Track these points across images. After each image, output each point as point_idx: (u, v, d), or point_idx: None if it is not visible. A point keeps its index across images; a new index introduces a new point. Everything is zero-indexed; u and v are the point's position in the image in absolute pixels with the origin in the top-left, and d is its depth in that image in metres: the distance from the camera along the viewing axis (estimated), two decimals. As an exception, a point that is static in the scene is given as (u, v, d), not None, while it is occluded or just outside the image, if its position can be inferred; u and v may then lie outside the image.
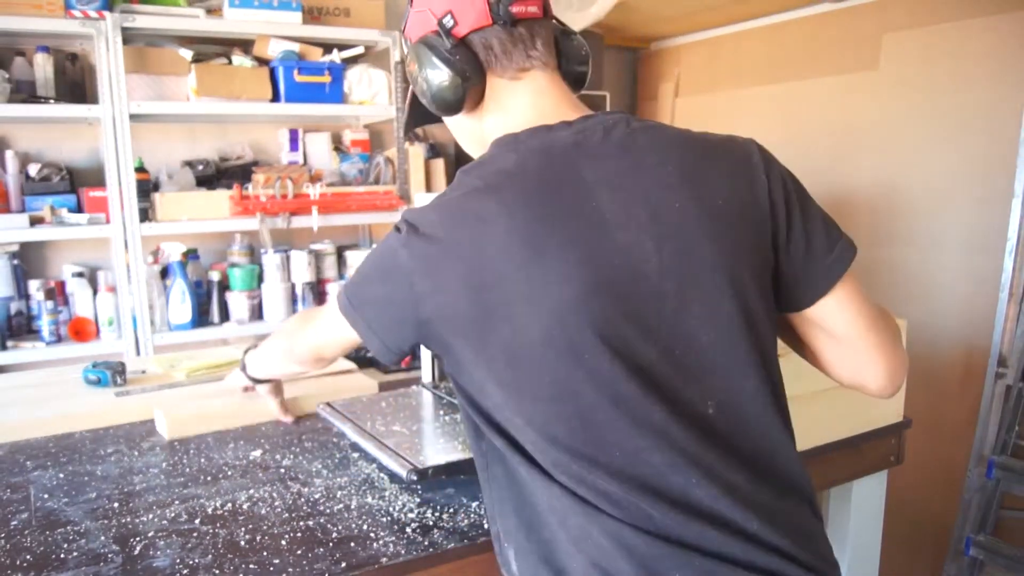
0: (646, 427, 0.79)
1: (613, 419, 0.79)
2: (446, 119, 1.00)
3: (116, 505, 1.14)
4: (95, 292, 2.70)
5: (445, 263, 0.82)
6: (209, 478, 1.24)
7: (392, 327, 0.89)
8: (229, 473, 1.26)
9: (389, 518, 1.09)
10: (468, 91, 0.91)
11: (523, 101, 0.91)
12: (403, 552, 0.99)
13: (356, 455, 1.33)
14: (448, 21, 0.89)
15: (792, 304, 0.91)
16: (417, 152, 3.17)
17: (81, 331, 2.65)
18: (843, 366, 0.96)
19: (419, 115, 1.03)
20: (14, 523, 1.09)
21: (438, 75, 0.89)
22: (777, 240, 0.87)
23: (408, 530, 1.05)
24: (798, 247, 0.88)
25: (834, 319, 0.91)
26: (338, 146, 3.25)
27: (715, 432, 0.82)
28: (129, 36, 2.60)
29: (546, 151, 0.85)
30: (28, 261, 2.72)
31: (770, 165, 0.90)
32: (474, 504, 1.12)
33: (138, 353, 2.66)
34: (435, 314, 0.83)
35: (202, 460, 1.32)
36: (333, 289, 3.03)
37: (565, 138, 0.87)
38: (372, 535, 1.03)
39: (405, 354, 0.93)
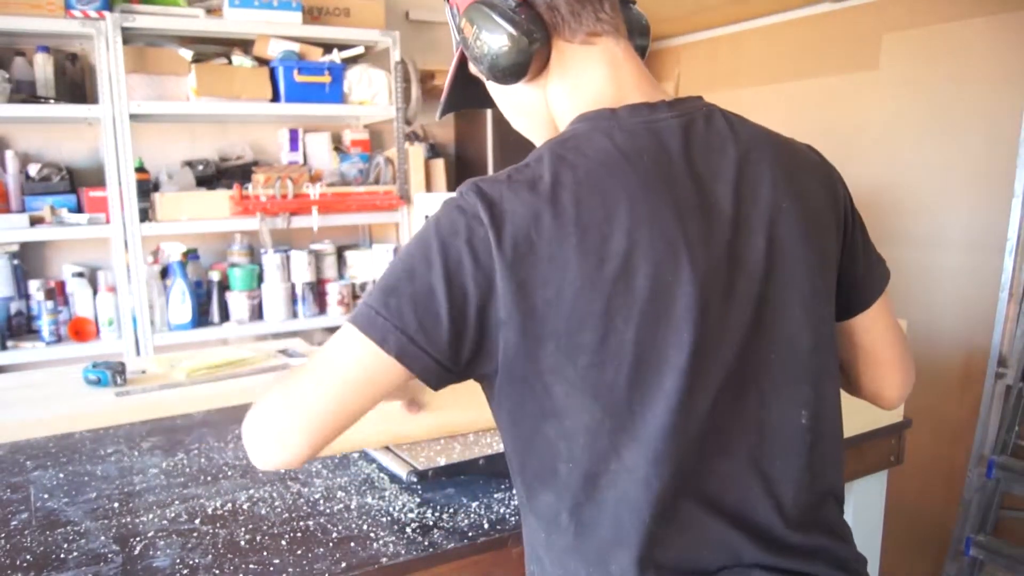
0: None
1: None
2: (497, 91, 0.90)
3: (116, 505, 1.14)
4: (95, 292, 2.70)
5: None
6: (209, 478, 1.24)
7: None
8: (229, 473, 1.26)
9: (389, 518, 1.09)
10: (535, 55, 0.80)
11: (599, 72, 0.81)
12: (403, 552, 0.99)
13: (356, 455, 1.33)
14: None
15: (837, 315, 0.90)
16: (417, 152, 3.17)
17: (81, 331, 2.65)
18: (865, 378, 0.97)
19: (459, 96, 0.95)
20: (14, 523, 1.09)
21: (500, 37, 0.79)
22: (844, 251, 0.88)
23: (408, 530, 1.05)
24: (857, 261, 0.89)
25: (867, 332, 0.92)
26: (338, 146, 3.26)
27: (803, 442, 0.79)
28: (129, 36, 2.61)
29: (655, 135, 0.77)
30: (28, 261, 2.72)
31: (840, 176, 0.90)
32: (474, 504, 1.12)
33: (138, 353, 2.66)
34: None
35: (202, 460, 1.32)
36: (333, 289, 3.03)
37: (671, 123, 0.78)
38: (372, 535, 1.03)
39: None
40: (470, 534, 1.04)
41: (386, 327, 0.72)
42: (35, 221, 2.54)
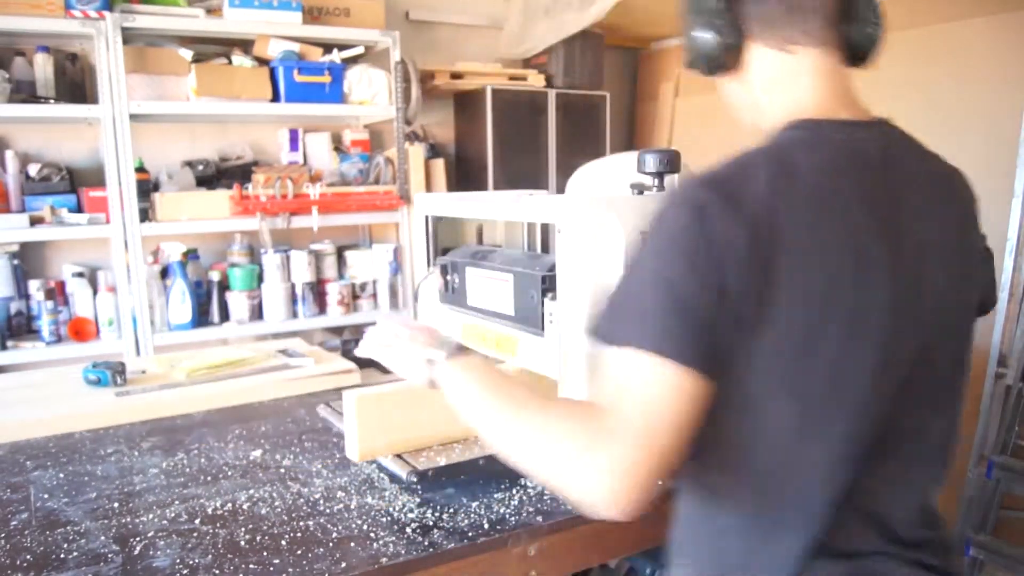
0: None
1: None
2: (719, 83, 0.95)
3: (116, 505, 1.14)
4: (95, 292, 2.70)
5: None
6: (209, 478, 1.24)
7: None
8: (229, 473, 1.26)
9: (389, 518, 1.09)
10: (726, 53, 0.86)
11: (802, 82, 0.85)
12: (403, 552, 0.99)
13: (356, 455, 1.33)
14: None
15: None
16: (417, 152, 3.17)
17: (81, 331, 2.65)
18: None
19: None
20: (14, 523, 1.09)
21: (697, 31, 0.87)
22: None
23: (408, 530, 1.05)
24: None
25: None
26: (338, 146, 3.25)
27: (944, 450, 0.89)
28: (129, 36, 2.60)
29: (861, 154, 0.81)
30: (28, 261, 2.72)
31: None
32: (474, 504, 1.12)
33: (138, 353, 2.66)
34: None
35: (202, 460, 1.32)
36: (333, 289, 3.03)
37: (873, 144, 0.83)
38: (372, 535, 1.03)
39: None
40: (470, 534, 1.03)
41: (676, 340, 0.73)
42: (35, 221, 2.54)
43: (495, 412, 0.84)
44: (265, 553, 0.99)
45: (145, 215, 2.65)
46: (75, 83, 2.69)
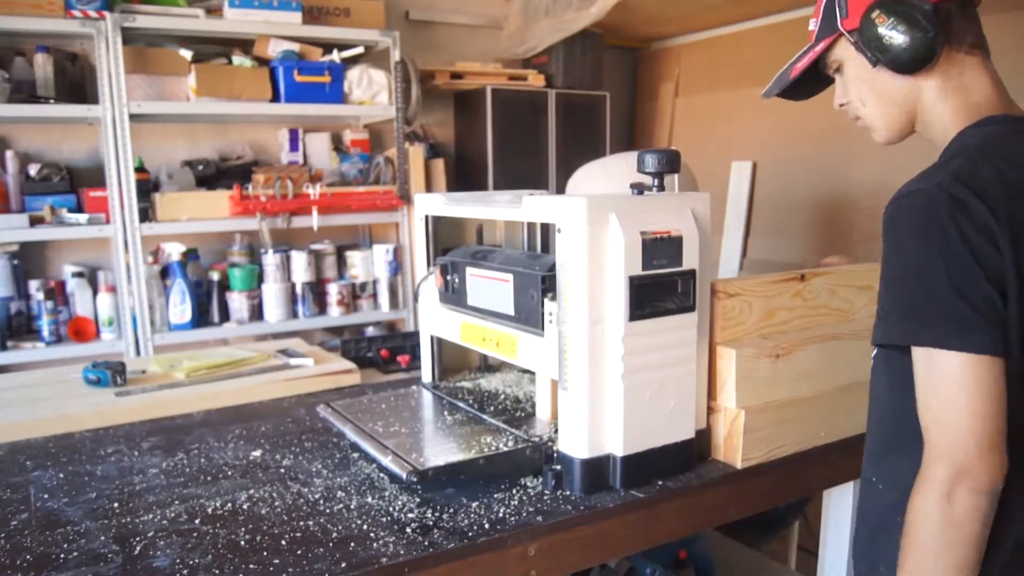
0: None
1: None
2: (868, 78, 1.02)
3: (116, 505, 1.14)
4: (95, 292, 2.70)
5: None
6: (209, 478, 1.24)
7: None
8: (229, 473, 1.26)
9: (389, 518, 1.09)
10: (935, 52, 0.94)
11: (984, 81, 0.97)
12: (403, 552, 0.99)
13: (356, 455, 1.33)
14: None
15: None
16: (417, 152, 3.17)
17: (81, 331, 2.65)
18: None
19: (800, 83, 1.09)
20: (14, 523, 1.09)
21: (914, 32, 0.93)
22: None
23: (408, 530, 1.05)
24: None
25: None
26: (338, 146, 3.25)
27: None
28: (129, 36, 2.60)
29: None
30: (28, 261, 2.72)
31: None
32: (474, 504, 1.12)
33: (138, 353, 2.66)
34: None
35: (202, 460, 1.32)
36: (333, 289, 3.03)
37: None
38: (372, 535, 1.03)
39: None
40: (470, 534, 1.03)
41: (982, 334, 0.83)
42: (35, 221, 2.54)
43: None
44: (265, 553, 0.99)
45: (145, 215, 2.65)
46: (75, 83, 2.69)
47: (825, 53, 1.06)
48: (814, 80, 1.12)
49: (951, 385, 0.84)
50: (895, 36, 0.94)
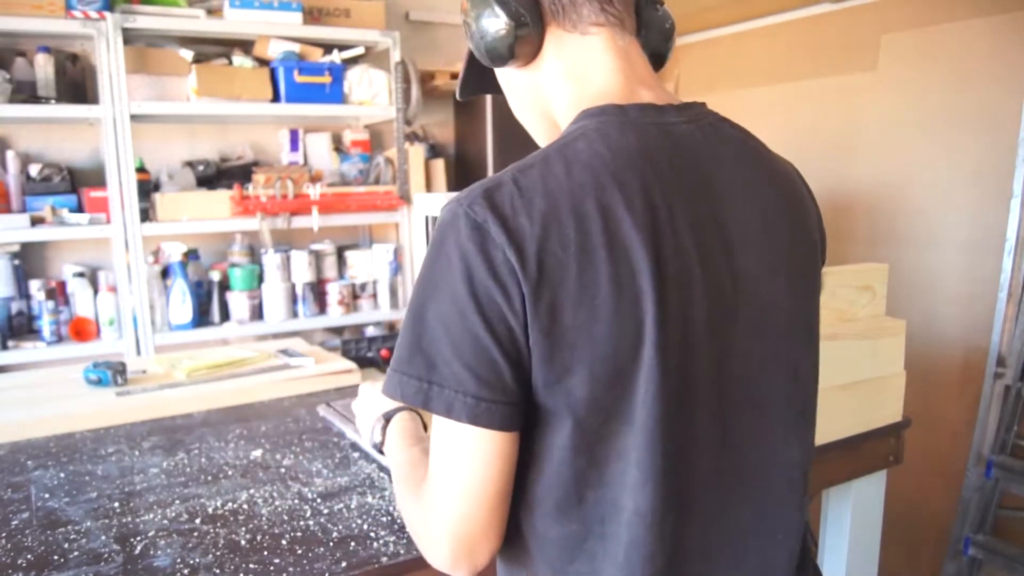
0: None
1: None
2: (499, 76, 0.88)
3: (117, 505, 1.14)
4: (96, 292, 2.71)
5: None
6: (209, 478, 1.24)
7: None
8: (229, 473, 1.27)
9: (389, 518, 1.09)
10: (522, 39, 0.77)
11: (603, 65, 0.77)
12: (403, 552, 0.99)
13: (356, 455, 1.33)
14: None
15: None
16: (417, 152, 3.17)
17: (82, 331, 2.66)
18: None
19: (475, 80, 0.92)
20: (15, 522, 1.09)
21: (488, 19, 0.76)
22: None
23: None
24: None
25: None
26: (338, 146, 3.26)
27: None
28: (130, 36, 2.61)
29: (668, 137, 0.73)
30: (29, 261, 2.73)
31: (814, 199, 0.86)
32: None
33: (139, 353, 2.66)
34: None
35: (202, 460, 1.33)
36: (333, 289, 3.03)
37: (683, 125, 0.75)
38: (372, 535, 1.04)
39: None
40: (469, 534, 1.04)
41: (447, 395, 0.65)
42: (36, 221, 2.54)
43: (395, 477, 0.85)
44: (265, 552, 0.99)
45: (146, 215, 2.65)
46: (76, 83, 2.69)
47: None
48: None
49: (446, 449, 0.68)
50: (478, 25, 0.77)
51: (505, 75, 0.86)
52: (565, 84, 0.79)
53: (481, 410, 0.65)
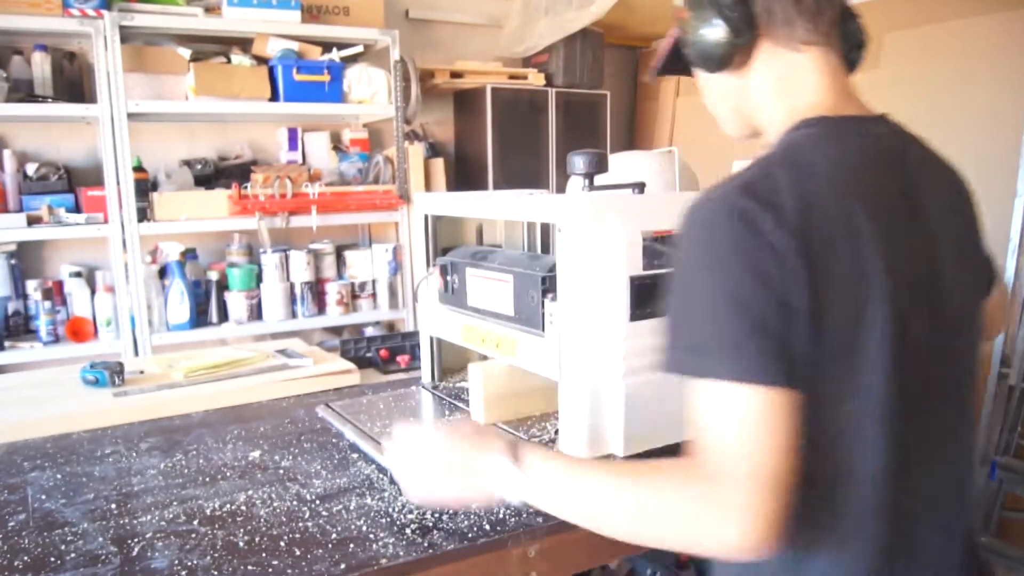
0: None
1: None
2: (701, 76, 0.95)
3: (114, 506, 1.13)
4: (93, 292, 2.70)
5: None
6: (207, 479, 1.23)
7: None
8: (228, 474, 1.25)
9: (388, 519, 1.08)
10: (737, 49, 0.85)
11: (812, 79, 0.85)
12: (402, 553, 0.98)
13: (355, 456, 1.32)
14: None
15: None
16: (416, 151, 3.16)
17: (79, 331, 2.64)
18: None
19: (675, 63, 0.99)
20: (11, 524, 1.08)
21: (709, 27, 0.85)
22: None
23: (407, 531, 1.04)
24: None
25: None
26: (337, 145, 3.25)
27: None
28: (127, 35, 2.60)
29: (877, 144, 0.83)
30: (26, 261, 2.72)
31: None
32: (474, 505, 1.11)
33: (136, 353, 2.65)
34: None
35: (200, 461, 1.32)
36: (332, 289, 3.02)
37: (885, 135, 0.84)
38: (371, 536, 1.03)
39: None
40: (470, 535, 1.03)
41: (760, 362, 0.70)
42: (33, 221, 2.53)
43: (598, 496, 0.78)
44: (264, 554, 0.98)
45: (143, 215, 2.64)
46: (73, 82, 2.68)
47: None
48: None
49: (731, 419, 0.71)
50: (696, 33, 0.87)
51: (710, 76, 0.93)
52: (775, 94, 0.88)
53: (781, 373, 0.70)
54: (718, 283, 0.72)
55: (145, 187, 2.68)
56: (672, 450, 1.19)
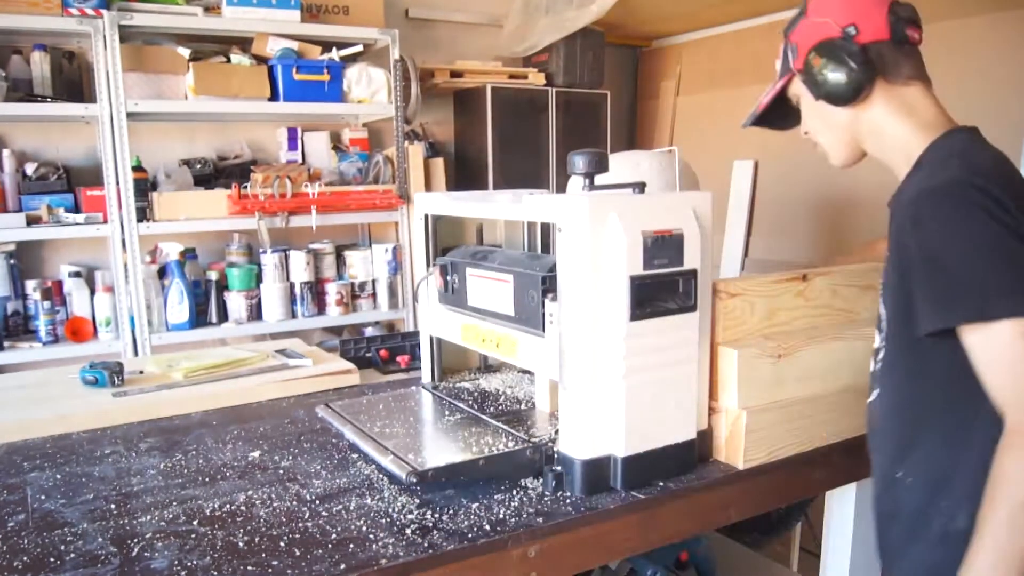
0: None
1: None
2: (814, 109, 1.17)
3: (113, 506, 1.13)
4: (92, 292, 2.69)
5: None
6: (207, 479, 1.23)
7: None
8: (227, 474, 1.25)
9: (388, 519, 1.08)
10: (864, 86, 1.09)
11: (930, 104, 1.11)
12: (402, 554, 0.98)
13: (355, 456, 1.32)
14: (851, 30, 1.09)
15: None
16: (416, 151, 3.16)
17: (78, 331, 2.64)
18: None
19: (773, 116, 1.25)
20: (11, 524, 1.08)
21: (844, 70, 1.08)
22: None
23: (407, 531, 1.04)
24: None
25: None
26: (337, 145, 3.25)
27: None
28: (127, 34, 2.60)
29: (1004, 156, 1.05)
30: (25, 261, 2.71)
31: None
32: (474, 505, 1.11)
33: (136, 353, 2.65)
34: None
35: (200, 461, 1.31)
36: (332, 289, 3.02)
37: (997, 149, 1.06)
38: (371, 536, 1.02)
39: None
40: (470, 535, 1.03)
41: None
42: (32, 220, 2.53)
43: (1002, 545, 0.89)
44: (264, 554, 0.98)
45: (143, 214, 2.64)
46: (72, 81, 2.68)
47: (787, 89, 1.22)
48: (789, 112, 1.26)
49: None
50: (828, 74, 1.10)
51: (829, 111, 1.15)
52: (902, 116, 1.11)
53: None
54: (989, 241, 0.92)
55: (144, 187, 2.68)
56: (672, 450, 1.19)
